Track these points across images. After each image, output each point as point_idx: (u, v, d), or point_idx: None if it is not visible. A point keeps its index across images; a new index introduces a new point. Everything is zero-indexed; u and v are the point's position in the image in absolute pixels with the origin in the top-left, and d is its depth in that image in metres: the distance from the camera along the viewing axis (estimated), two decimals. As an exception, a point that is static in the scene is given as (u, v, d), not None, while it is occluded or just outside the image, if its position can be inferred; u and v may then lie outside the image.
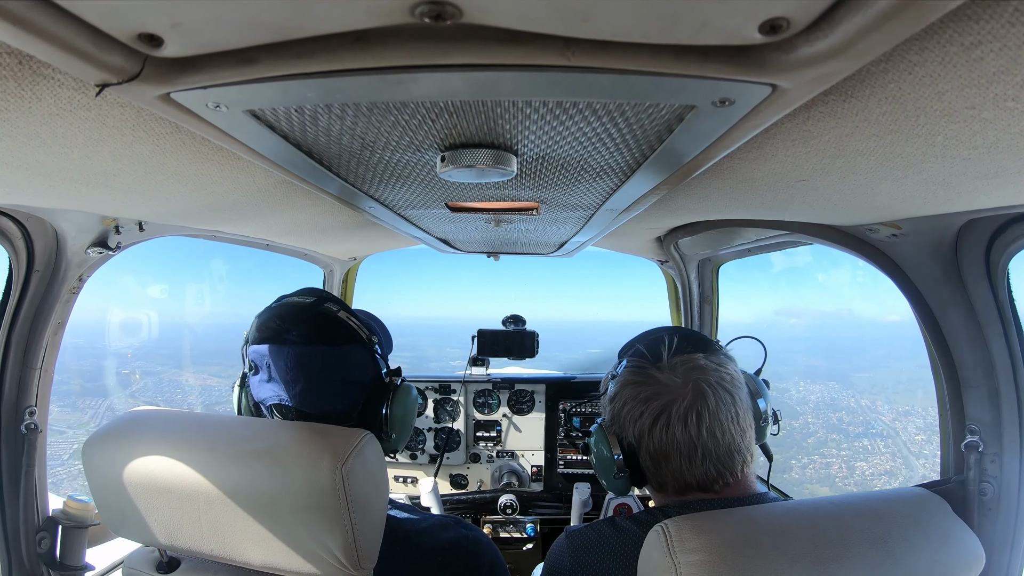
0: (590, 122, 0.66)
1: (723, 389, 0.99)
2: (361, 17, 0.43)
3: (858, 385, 27.22)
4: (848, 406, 23.27)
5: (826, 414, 22.56)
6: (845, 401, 24.10)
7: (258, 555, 0.92)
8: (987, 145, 0.67)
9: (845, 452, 18.37)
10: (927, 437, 3.70)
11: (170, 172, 0.95)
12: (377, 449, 0.95)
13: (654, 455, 1.01)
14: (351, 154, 0.82)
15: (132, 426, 1.01)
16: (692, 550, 0.75)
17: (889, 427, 20.31)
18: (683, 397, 0.98)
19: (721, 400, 0.98)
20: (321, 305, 1.09)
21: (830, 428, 21.43)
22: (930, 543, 0.85)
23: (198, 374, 26.11)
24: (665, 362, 1.01)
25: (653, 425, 0.99)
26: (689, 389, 0.98)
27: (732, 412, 0.99)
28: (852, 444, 19.26)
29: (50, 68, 0.55)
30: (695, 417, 0.97)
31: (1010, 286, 1.20)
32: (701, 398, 0.97)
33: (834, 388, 25.74)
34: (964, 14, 0.44)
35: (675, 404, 0.98)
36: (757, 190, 1.09)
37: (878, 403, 22.67)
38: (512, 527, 2.64)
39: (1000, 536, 1.20)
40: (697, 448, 0.97)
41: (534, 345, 2.71)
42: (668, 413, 0.98)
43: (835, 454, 18.22)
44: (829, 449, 18.68)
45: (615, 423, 1.07)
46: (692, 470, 0.98)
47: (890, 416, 21.01)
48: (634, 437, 1.02)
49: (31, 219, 1.28)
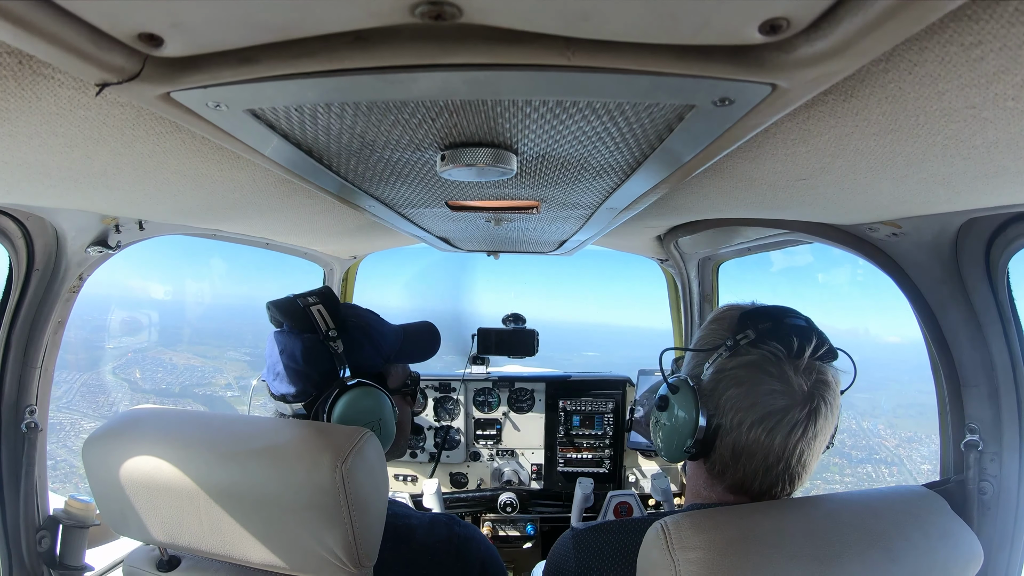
0: (590, 121, 0.66)
1: (832, 412, 0.93)
2: (361, 17, 0.43)
3: (858, 406, 26.78)
4: (849, 428, 22.55)
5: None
6: (845, 423, 23.56)
7: (258, 553, 0.92)
8: (987, 144, 0.67)
9: (849, 479, 17.59)
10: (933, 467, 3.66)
11: (170, 171, 0.95)
12: (377, 448, 0.95)
13: (738, 449, 0.92)
14: (351, 153, 0.82)
15: (132, 425, 1.01)
16: (691, 548, 0.75)
17: (893, 454, 19.57)
18: (801, 408, 0.90)
19: (827, 423, 0.93)
20: (302, 297, 1.15)
21: (832, 452, 21.05)
22: (929, 541, 0.85)
23: (181, 354, 25.97)
24: (804, 362, 0.91)
25: (758, 423, 0.91)
26: (810, 403, 0.90)
27: (824, 436, 0.94)
28: (856, 470, 18.59)
29: (50, 68, 0.55)
30: (800, 432, 0.90)
31: (1010, 285, 1.20)
32: (815, 416, 0.90)
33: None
34: (964, 14, 0.44)
35: (791, 412, 0.90)
36: (757, 189, 1.09)
37: (880, 427, 21.84)
38: (512, 526, 2.65)
39: (1000, 535, 1.20)
40: (782, 460, 0.91)
41: (534, 343, 2.71)
42: (780, 419, 0.90)
43: (839, 480, 17.25)
44: (832, 475, 17.92)
45: (712, 395, 0.95)
46: (765, 477, 0.93)
47: (894, 442, 20.26)
48: (729, 422, 0.93)
49: (31, 218, 1.28)
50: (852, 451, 20.17)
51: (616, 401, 2.77)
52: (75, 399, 17.78)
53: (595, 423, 2.77)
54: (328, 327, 1.13)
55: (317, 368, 1.12)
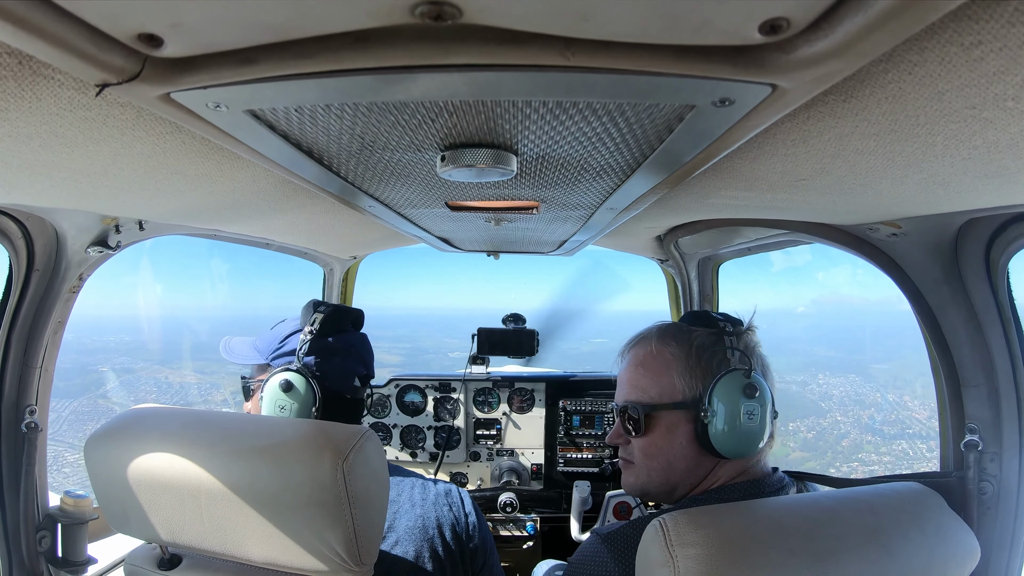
0: (590, 122, 0.66)
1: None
2: (361, 17, 0.43)
3: (879, 378, 25.16)
4: (875, 402, 22.01)
5: (855, 411, 21.39)
6: (871, 396, 22.48)
7: (260, 551, 0.92)
8: (987, 145, 0.67)
9: (887, 458, 17.21)
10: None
11: (170, 171, 0.95)
12: (378, 445, 0.95)
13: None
14: (351, 153, 0.82)
15: (134, 423, 1.01)
16: (690, 544, 0.75)
17: (926, 426, 19.03)
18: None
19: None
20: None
21: (863, 428, 20.16)
22: (926, 538, 0.85)
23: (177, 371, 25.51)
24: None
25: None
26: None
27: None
28: (891, 447, 18.18)
29: (50, 68, 0.55)
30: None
31: (1010, 285, 1.20)
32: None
33: (855, 381, 24.61)
34: (964, 14, 0.44)
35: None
36: (757, 189, 1.09)
37: (906, 399, 21.33)
38: (512, 525, 2.64)
39: (999, 535, 1.20)
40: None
41: (534, 344, 2.71)
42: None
43: (876, 460, 17.08)
44: (868, 454, 17.51)
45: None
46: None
47: (924, 414, 19.74)
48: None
49: (31, 218, 1.28)
50: (884, 427, 19.60)
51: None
52: (61, 428, 15.99)
53: (595, 423, 2.77)
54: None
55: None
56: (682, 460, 1.07)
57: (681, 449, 1.07)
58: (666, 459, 1.08)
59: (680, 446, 1.07)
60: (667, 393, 1.08)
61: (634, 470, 1.14)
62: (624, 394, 1.14)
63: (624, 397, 1.14)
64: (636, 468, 1.13)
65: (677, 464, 1.08)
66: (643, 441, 1.10)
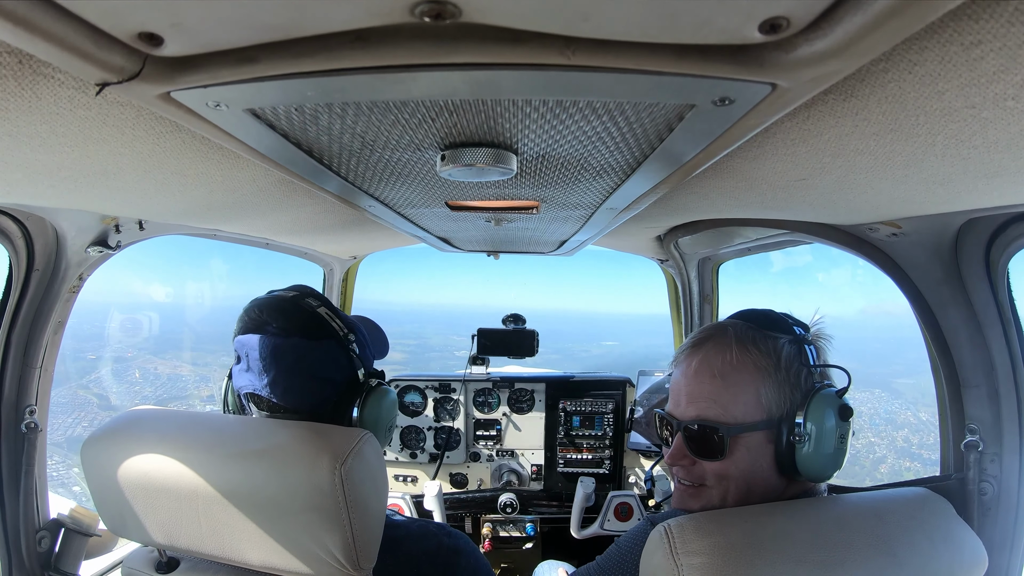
0: (590, 121, 0.66)
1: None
2: (361, 16, 0.43)
3: (906, 394, 23.74)
4: (908, 421, 20.71)
5: (888, 433, 20.17)
6: (902, 415, 21.08)
7: (257, 555, 0.92)
8: (987, 144, 0.67)
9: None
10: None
11: (170, 171, 0.95)
12: (376, 449, 0.95)
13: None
14: (351, 153, 0.82)
15: (131, 426, 1.01)
16: (695, 552, 0.74)
17: None
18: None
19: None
20: (302, 300, 1.09)
21: (899, 452, 18.90)
22: (933, 545, 0.85)
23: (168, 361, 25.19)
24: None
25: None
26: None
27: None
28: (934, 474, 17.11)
29: (50, 67, 0.55)
30: None
31: (1010, 286, 1.20)
32: None
33: (882, 397, 23.47)
34: (964, 14, 0.44)
35: None
36: (757, 189, 1.09)
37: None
38: (512, 526, 2.64)
39: (1000, 536, 1.20)
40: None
41: (534, 344, 2.71)
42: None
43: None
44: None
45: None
46: None
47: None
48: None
49: (31, 218, 1.28)
50: (922, 451, 18.61)
51: (616, 402, 2.77)
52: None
53: (595, 423, 2.77)
54: (346, 331, 1.10)
55: (344, 374, 1.09)
56: (761, 483, 0.96)
57: (762, 472, 0.95)
58: (746, 483, 0.95)
59: (761, 468, 0.95)
60: (752, 411, 0.93)
61: (706, 495, 0.98)
62: (695, 410, 0.96)
63: (696, 414, 0.96)
64: (709, 493, 0.98)
65: (756, 488, 0.95)
66: (719, 465, 0.95)
